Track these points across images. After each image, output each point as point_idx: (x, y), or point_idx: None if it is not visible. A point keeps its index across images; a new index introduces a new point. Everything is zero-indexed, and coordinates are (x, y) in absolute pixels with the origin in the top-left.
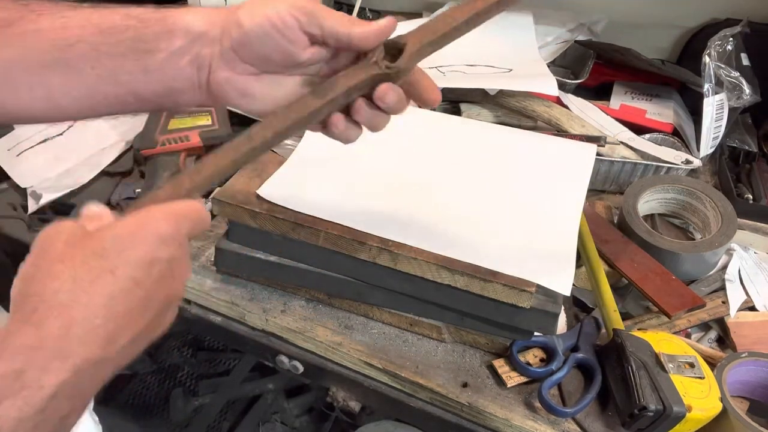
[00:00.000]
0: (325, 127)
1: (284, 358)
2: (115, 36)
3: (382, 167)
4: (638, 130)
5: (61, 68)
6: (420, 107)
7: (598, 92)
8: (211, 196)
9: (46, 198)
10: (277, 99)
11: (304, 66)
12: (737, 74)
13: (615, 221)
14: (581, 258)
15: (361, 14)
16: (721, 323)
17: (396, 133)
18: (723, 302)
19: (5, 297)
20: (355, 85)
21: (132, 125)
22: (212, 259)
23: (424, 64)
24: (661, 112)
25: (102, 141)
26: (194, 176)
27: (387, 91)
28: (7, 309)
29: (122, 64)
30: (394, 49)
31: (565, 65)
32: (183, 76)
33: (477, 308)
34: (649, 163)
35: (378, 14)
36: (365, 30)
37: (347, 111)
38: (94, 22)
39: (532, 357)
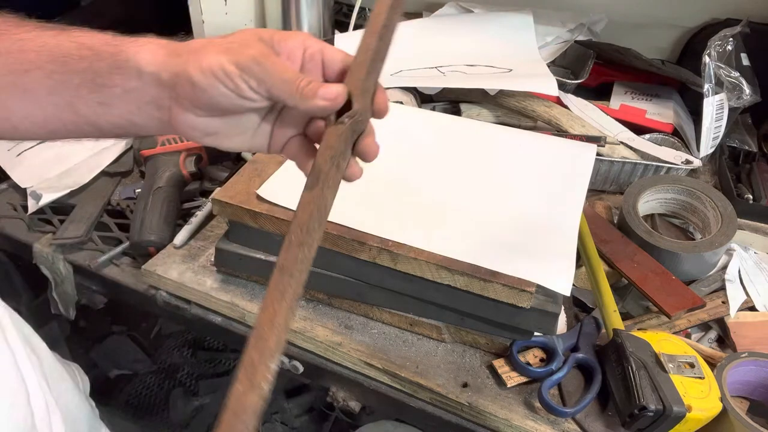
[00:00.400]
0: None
1: (284, 358)
2: (69, 65)
3: (382, 167)
4: (638, 130)
5: (18, 93)
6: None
7: (598, 92)
8: (211, 196)
9: (46, 198)
10: (242, 134)
11: (261, 108)
12: (737, 74)
13: (615, 221)
14: (581, 258)
15: (361, 14)
16: (721, 323)
17: (396, 134)
18: (723, 302)
19: (6, 296)
20: (335, 155)
21: None
22: (212, 259)
23: (423, 64)
24: (661, 112)
25: (102, 141)
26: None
27: (367, 148)
28: (6, 302)
29: (78, 95)
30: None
31: (565, 65)
32: (143, 113)
33: (477, 308)
34: (649, 163)
35: None
36: (313, 103)
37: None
38: (49, 48)
39: (532, 357)
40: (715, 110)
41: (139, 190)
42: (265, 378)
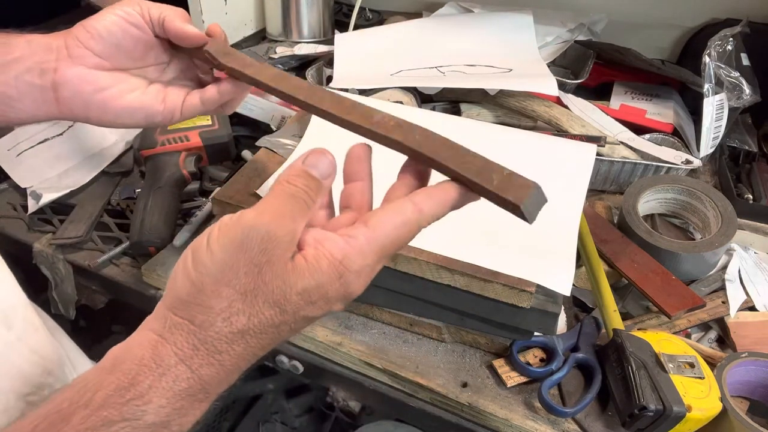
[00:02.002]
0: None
1: (284, 358)
2: None
3: (382, 167)
4: (638, 130)
5: None
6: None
7: (598, 92)
8: (211, 196)
9: (46, 198)
10: (133, 91)
11: (150, 62)
12: (737, 74)
13: (615, 221)
14: (581, 258)
15: (361, 14)
16: (721, 323)
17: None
18: (723, 302)
19: None
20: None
21: None
22: None
23: (423, 64)
24: (661, 112)
25: (102, 141)
26: None
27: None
28: None
29: None
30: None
31: (565, 65)
32: (19, 81)
33: (477, 308)
34: (649, 163)
35: (378, 14)
36: (178, 27)
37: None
38: None
39: (532, 357)
40: (715, 110)
41: (139, 190)
42: None
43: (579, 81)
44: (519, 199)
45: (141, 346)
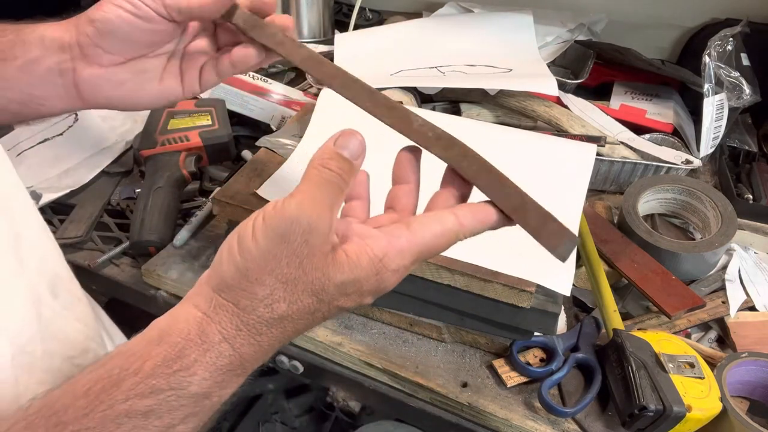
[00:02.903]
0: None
1: (284, 358)
2: None
3: (381, 167)
4: (638, 130)
5: None
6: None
7: (598, 92)
8: (211, 196)
9: (46, 198)
10: (151, 81)
11: (165, 42)
12: (737, 74)
13: (615, 221)
14: (581, 258)
15: (361, 14)
16: (721, 323)
17: (395, 134)
18: (723, 302)
19: None
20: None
21: (132, 125)
22: (212, 259)
23: (423, 65)
24: (661, 112)
25: (102, 141)
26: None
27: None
28: None
29: None
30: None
31: (565, 65)
32: (43, 82)
33: (477, 308)
34: (649, 163)
35: (378, 14)
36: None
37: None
38: None
39: (532, 357)
40: (715, 110)
41: (139, 190)
42: None
43: (579, 81)
44: (552, 247)
45: (187, 321)
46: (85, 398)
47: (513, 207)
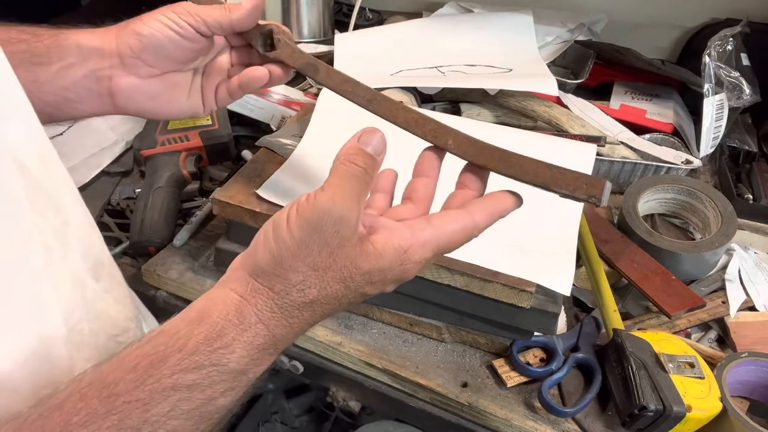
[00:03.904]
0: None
1: (284, 358)
2: (8, 47)
3: (381, 167)
4: (638, 130)
5: None
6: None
7: (598, 92)
8: (211, 196)
9: None
10: (180, 95)
11: (195, 59)
12: (737, 74)
13: (615, 221)
14: (581, 258)
15: (361, 14)
16: (721, 323)
17: (395, 134)
18: (723, 302)
19: None
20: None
21: (132, 125)
22: (212, 259)
23: (423, 64)
24: (661, 112)
25: (102, 141)
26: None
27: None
28: None
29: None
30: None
31: (565, 65)
32: (78, 87)
33: (477, 308)
34: (649, 163)
35: (378, 14)
36: (242, 12)
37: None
38: None
39: (532, 357)
40: (715, 110)
41: (139, 190)
42: None
43: (579, 81)
44: (597, 198)
45: (225, 303)
46: (133, 372)
47: (544, 181)
